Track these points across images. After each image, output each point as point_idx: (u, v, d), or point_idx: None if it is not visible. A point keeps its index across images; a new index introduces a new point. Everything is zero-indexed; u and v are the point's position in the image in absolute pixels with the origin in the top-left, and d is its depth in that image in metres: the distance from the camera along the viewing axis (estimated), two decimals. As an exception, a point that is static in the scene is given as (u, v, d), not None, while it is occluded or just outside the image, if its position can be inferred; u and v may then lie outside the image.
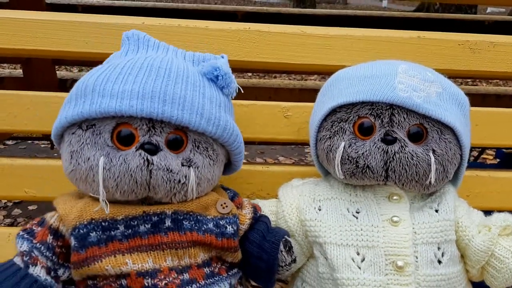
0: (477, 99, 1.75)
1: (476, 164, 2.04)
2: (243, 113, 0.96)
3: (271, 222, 0.82)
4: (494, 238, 0.75)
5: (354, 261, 0.74)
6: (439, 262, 0.74)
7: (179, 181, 0.67)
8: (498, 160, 1.82)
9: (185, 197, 0.69)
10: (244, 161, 0.84)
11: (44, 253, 0.66)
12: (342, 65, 0.95)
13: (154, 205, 0.69)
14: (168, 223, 0.68)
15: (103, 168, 0.64)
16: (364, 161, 0.73)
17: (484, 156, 2.86)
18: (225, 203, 0.73)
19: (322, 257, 0.77)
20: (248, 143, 0.84)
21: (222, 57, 0.79)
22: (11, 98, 0.94)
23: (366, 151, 0.74)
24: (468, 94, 0.83)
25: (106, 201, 0.65)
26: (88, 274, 0.66)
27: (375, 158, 0.73)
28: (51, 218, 0.70)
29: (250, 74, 4.44)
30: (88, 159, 0.65)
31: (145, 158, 0.64)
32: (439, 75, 0.80)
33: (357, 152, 0.74)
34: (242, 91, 0.78)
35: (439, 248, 0.75)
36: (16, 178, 0.94)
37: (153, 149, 0.65)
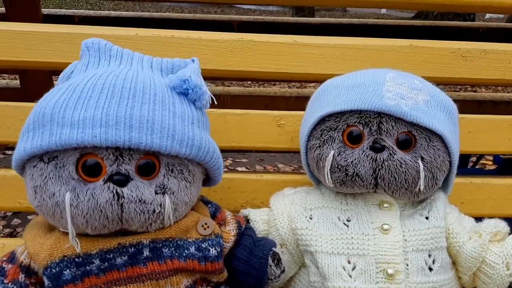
0: (473, 106, 1.75)
1: (474, 170, 2.04)
2: (236, 122, 0.97)
3: (263, 231, 0.83)
4: (485, 244, 0.75)
5: (345, 270, 0.74)
6: (430, 269, 0.74)
7: (154, 211, 0.62)
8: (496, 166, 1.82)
9: (162, 225, 0.65)
10: (238, 169, 0.85)
11: None
12: (335, 73, 0.95)
13: (130, 235, 0.65)
14: (146, 253, 0.64)
15: (70, 205, 0.58)
16: (354, 169, 0.74)
17: (483, 161, 2.86)
18: (206, 224, 0.69)
19: (313, 266, 0.77)
20: (247, 150, 0.84)
21: (193, 60, 0.73)
22: (5, 109, 0.94)
23: (355, 159, 0.74)
24: (464, 100, 0.83)
25: (76, 239, 0.60)
26: None
27: (364, 166, 0.73)
28: (21, 254, 0.66)
29: (249, 82, 4.45)
30: (53, 194, 0.60)
31: (114, 191, 0.59)
32: (427, 83, 0.80)
33: (346, 160, 0.74)
34: (216, 102, 0.73)
35: (430, 255, 0.75)
36: (10, 189, 0.94)
37: (122, 180, 0.60)
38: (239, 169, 2.99)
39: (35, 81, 1.69)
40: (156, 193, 0.63)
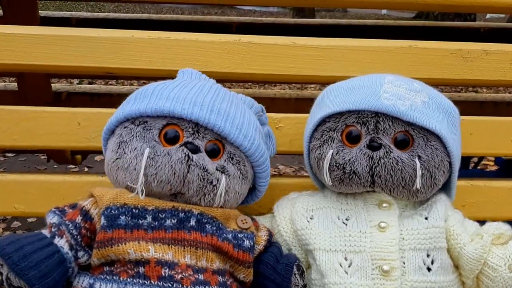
0: (474, 107, 1.74)
1: (476, 171, 2.03)
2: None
3: None
4: (486, 246, 0.75)
5: (341, 266, 0.75)
6: (429, 269, 0.74)
7: (211, 182, 0.72)
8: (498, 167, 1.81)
9: (213, 201, 0.74)
10: None
11: (71, 231, 0.69)
12: (334, 75, 0.96)
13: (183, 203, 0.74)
14: (192, 222, 0.72)
15: (148, 156, 0.70)
16: (351, 167, 0.76)
17: (484, 162, 2.85)
18: (245, 219, 0.77)
19: (315, 264, 0.78)
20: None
21: (261, 107, 0.89)
22: (1, 113, 0.93)
23: (352, 157, 0.76)
24: (465, 101, 0.83)
25: (143, 187, 0.70)
26: (108, 257, 0.68)
27: (361, 163, 0.75)
28: (84, 201, 0.74)
29: (250, 83, 4.43)
30: (135, 148, 0.72)
31: (186, 153, 0.71)
32: (427, 86, 0.81)
33: (344, 158, 0.76)
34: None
35: (428, 255, 0.75)
36: (5, 193, 0.93)
37: (194, 149, 0.72)
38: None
39: (32, 84, 1.68)
40: (217, 169, 0.73)
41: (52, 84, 1.76)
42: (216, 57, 0.96)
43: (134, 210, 0.71)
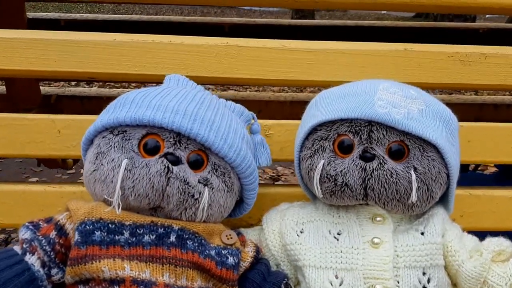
0: (473, 109, 1.71)
1: (474, 174, 1.99)
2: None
3: None
4: (486, 263, 0.71)
5: (332, 285, 0.72)
6: None
7: (193, 195, 0.69)
8: (497, 169, 1.78)
9: (195, 215, 0.71)
10: None
11: (44, 247, 0.67)
12: (326, 80, 0.93)
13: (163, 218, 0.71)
14: (172, 238, 0.69)
15: (125, 168, 0.67)
16: (342, 178, 0.72)
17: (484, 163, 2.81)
18: (230, 235, 0.74)
19: (304, 282, 0.75)
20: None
21: (252, 114, 0.85)
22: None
23: (344, 168, 0.72)
24: (464, 104, 0.79)
25: (120, 201, 0.67)
26: (82, 275, 0.65)
27: (353, 175, 0.72)
28: (59, 215, 0.71)
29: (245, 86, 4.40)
30: (112, 160, 0.69)
31: (166, 165, 0.68)
32: (423, 93, 0.77)
33: (336, 169, 0.73)
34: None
35: (424, 273, 0.72)
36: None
37: (175, 160, 0.69)
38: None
39: (21, 87, 1.65)
40: (199, 181, 0.70)
41: (41, 87, 1.72)
42: (203, 61, 0.92)
43: (110, 225, 0.68)
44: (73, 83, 3.54)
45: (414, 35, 1.81)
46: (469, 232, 0.80)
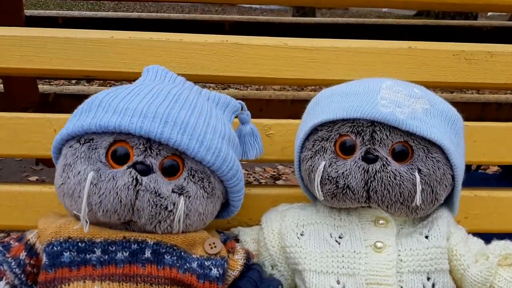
0: (477, 108, 1.69)
1: (477, 174, 1.97)
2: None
3: (254, 251, 0.78)
4: (492, 268, 0.70)
5: None
6: None
7: (166, 207, 0.64)
8: (499, 169, 1.76)
9: (171, 227, 0.66)
10: None
11: (14, 269, 0.64)
12: (328, 79, 0.91)
13: (137, 232, 0.66)
14: (148, 254, 0.64)
15: (91, 182, 0.62)
16: (344, 180, 0.70)
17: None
18: (214, 243, 0.69)
19: (303, 286, 0.73)
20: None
21: (240, 103, 0.80)
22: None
23: (346, 170, 0.70)
24: (467, 103, 0.77)
25: (87, 219, 0.63)
26: None
27: (355, 177, 0.70)
28: (30, 233, 0.68)
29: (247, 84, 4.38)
30: (78, 173, 0.64)
31: (134, 177, 0.62)
32: (428, 92, 0.75)
33: (337, 171, 0.71)
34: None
35: (428, 278, 0.70)
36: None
37: (144, 170, 0.63)
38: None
39: (19, 86, 1.64)
40: (173, 191, 0.65)
41: (39, 85, 1.70)
42: (202, 59, 0.91)
43: (80, 244, 0.64)
44: (73, 81, 3.53)
45: (417, 33, 1.80)
46: (474, 234, 0.78)
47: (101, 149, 0.65)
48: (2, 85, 1.70)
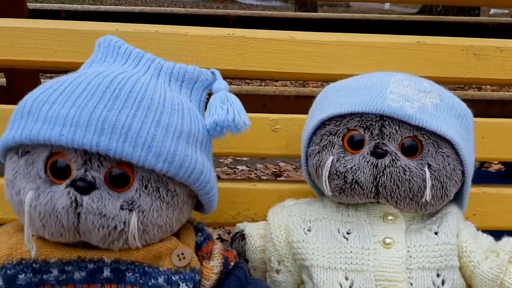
0: (481, 106, 1.68)
1: (481, 172, 1.96)
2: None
3: (260, 247, 0.78)
4: (503, 265, 0.69)
5: (341, 286, 0.69)
6: None
7: (115, 227, 0.56)
8: (502, 166, 1.75)
9: (127, 245, 0.59)
10: (239, 168, 0.77)
11: None
12: (335, 73, 0.90)
13: (93, 249, 0.59)
14: (107, 273, 0.59)
15: (30, 205, 0.55)
16: (353, 176, 0.69)
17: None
18: (182, 254, 0.62)
19: (310, 282, 0.73)
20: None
21: (212, 73, 0.70)
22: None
23: (354, 165, 0.69)
24: (471, 100, 0.76)
25: (33, 243, 0.57)
26: None
27: (364, 172, 0.68)
28: None
29: (248, 80, 4.36)
30: (19, 191, 0.57)
31: (73, 198, 0.55)
32: (437, 86, 0.75)
33: (346, 166, 0.70)
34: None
35: (438, 275, 0.69)
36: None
37: (85, 187, 0.55)
38: (240, 167, 2.93)
39: (21, 79, 1.63)
40: (122, 208, 0.57)
41: (42, 80, 1.70)
42: (208, 52, 0.89)
43: (34, 265, 0.59)
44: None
45: (422, 29, 1.78)
46: (482, 231, 0.77)
47: (39, 163, 0.57)
48: (4, 79, 1.69)
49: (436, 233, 0.71)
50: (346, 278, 0.69)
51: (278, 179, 3.04)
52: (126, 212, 0.57)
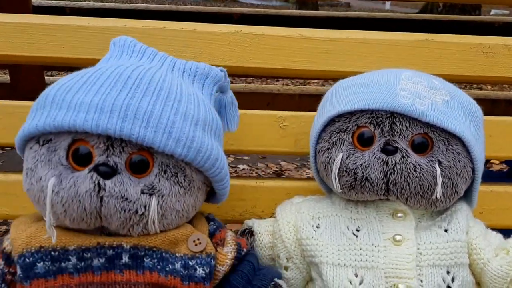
0: (486, 105, 1.67)
1: (484, 171, 1.96)
2: (235, 123, 0.89)
3: (268, 244, 0.78)
4: None
5: (351, 283, 0.69)
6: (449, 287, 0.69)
7: (136, 211, 0.58)
8: (505, 165, 1.75)
9: (146, 230, 0.61)
10: (240, 167, 0.77)
11: None
12: (343, 70, 0.89)
13: (112, 236, 0.61)
14: (125, 259, 0.60)
15: (52, 190, 0.57)
16: (363, 172, 0.69)
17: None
18: (198, 239, 0.63)
19: (319, 279, 0.72)
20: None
21: (221, 70, 0.73)
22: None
23: (365, 162, 0.69)
24: (476, 99, 0.76)
25: (53, 228, 0.58)
26: None
27: (374, 169, 0.68)
28: (6, 240, 0.64)
29: (251, 77, 4.35)
30: (40, 179, 0.58)
31: (96, 182, 0.57)
32: (447, 83, 0.74)
33: (355, 163, 0.69)
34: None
35: (448, 272, 0.69)
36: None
37: (108, 172, 0.58)
38: (241, 166, 2.92)
39: (25, 76, 1.62)
40: (142, 192, 0.59)
41: (46, 77, 1.69)
42: (216, 49, 0.89)
43: (53, 253, 0.60)
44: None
45: (427, 28, 1.78)
46: (490, 229, 0.77)
47: (60, 151, 0.59)
48: (8, 75, 1.69)
49: (446, 230, 0.71)
50: (356, 275, 0.69)
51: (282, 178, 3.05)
52: (146, 196, 0.59)
